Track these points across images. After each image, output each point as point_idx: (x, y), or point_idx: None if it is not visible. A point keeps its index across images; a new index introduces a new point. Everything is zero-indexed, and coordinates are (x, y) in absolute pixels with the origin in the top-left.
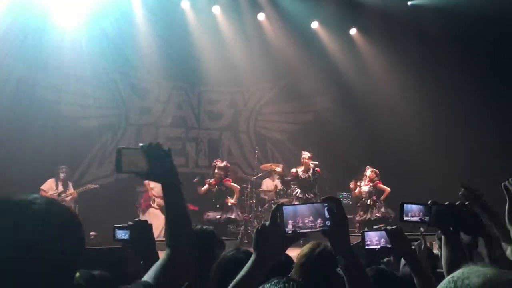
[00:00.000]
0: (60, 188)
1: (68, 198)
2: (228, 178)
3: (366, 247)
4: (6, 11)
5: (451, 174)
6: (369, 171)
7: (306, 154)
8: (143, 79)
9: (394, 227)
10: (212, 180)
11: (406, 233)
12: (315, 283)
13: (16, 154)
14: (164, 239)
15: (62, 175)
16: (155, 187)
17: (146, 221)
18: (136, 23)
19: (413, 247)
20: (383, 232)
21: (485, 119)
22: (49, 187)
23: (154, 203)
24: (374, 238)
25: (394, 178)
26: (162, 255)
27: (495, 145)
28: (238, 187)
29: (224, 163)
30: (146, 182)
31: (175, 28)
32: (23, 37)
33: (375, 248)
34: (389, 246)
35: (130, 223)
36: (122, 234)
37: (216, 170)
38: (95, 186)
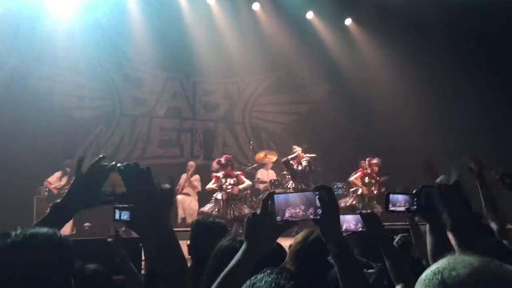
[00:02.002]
0: (64, 181)
1: None
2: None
3: (344, 231)
4: None
5: (448, 164)
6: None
7: (298, 149)
8: (138, 70)
9: (368, 211)
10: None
11: (398, 224)
12: (309, 271)
13: (9, 145)
14: (181, 228)
15: (68, 169)
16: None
17: None
18: (130, 13)
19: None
20: (359, 216)
21: (480, 107)
22: (55, 179)
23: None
24: (352, 223)
25: (389, 168)
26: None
27: (491, 131)
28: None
29: (223, 158)
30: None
31: (170, 18)
32: (16, 28)
33: (353, 231)
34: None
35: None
36: (122, 215)
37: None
38: None
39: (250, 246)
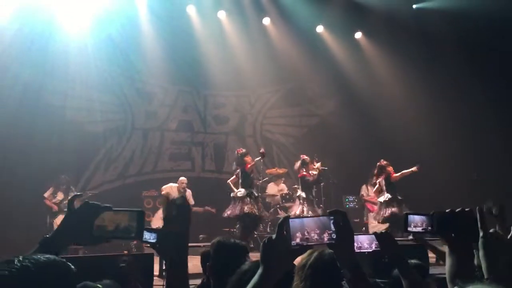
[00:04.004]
0: (61, 196)
1: None
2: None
3: (357, 250)
4: (13, 17)
5: (458, 178)
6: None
7: (308, 158)
8: (149, 83)
9: (382, 231)
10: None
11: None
12: (315, 284)
13: (22, 159)
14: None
15: (61, 186)
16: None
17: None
18: (142, 28)
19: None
20: (373, 236)
21: (492, 123)
22: (49, 194)
23: None
24: (366, 242)
25: (400, 181)
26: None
27: (502, 148)
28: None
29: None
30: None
31: (181, 33)
32: (29, 43)
33: (366, 251)
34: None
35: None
36: (149, 237)
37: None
38: (93, 192)
39: (266, 270)
